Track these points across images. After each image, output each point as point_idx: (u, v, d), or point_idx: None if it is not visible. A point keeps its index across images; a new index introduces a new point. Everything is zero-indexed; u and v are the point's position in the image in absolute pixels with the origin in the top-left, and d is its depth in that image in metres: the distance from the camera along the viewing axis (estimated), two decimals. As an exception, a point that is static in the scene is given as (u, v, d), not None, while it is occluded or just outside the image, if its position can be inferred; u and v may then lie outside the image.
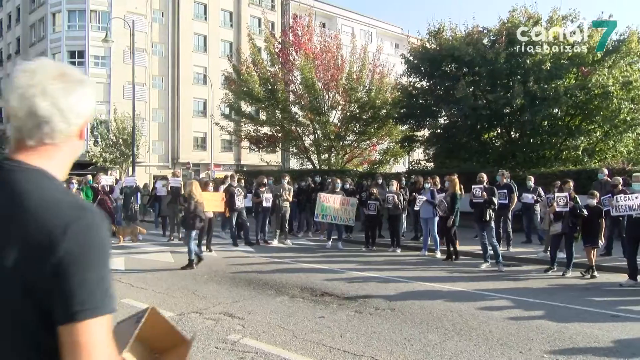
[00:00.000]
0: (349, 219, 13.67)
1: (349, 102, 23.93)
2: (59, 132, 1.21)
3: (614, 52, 17.94)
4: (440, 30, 20.61)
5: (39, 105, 1.17)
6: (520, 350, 5.23)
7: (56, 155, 1.23)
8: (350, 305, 7.07)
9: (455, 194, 11.33)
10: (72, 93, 1.22)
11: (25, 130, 1.19)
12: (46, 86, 1.18)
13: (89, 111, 1.28)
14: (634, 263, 8.66)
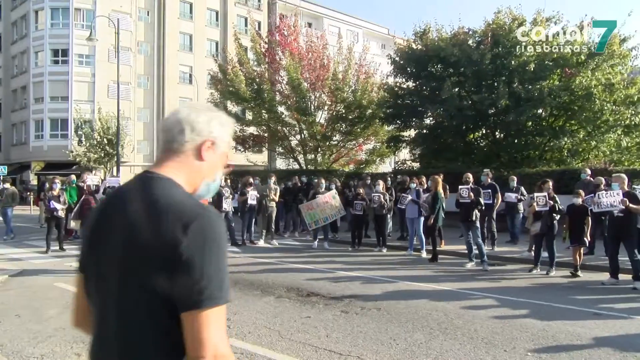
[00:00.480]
0: (338, 210, 13.68)
1: (335, 102, 23.96)
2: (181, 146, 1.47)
3: (596, 55, 18.17)
4: (426, 31, 20.71)
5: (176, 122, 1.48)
6: (505, 348, 5.28)
7: (182, 170, 1.47)
8: (337, 305, 7.08)
9: (437, 193, 11.38)
10: (201, 115, 1.50)
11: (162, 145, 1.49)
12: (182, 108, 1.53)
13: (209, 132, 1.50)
14: (616, 262, 8.78)
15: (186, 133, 1.46)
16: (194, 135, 1.47)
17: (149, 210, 1.32)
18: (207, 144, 1.49)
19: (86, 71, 39.50)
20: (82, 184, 15.03)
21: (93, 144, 32.95)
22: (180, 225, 1.28)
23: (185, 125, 1.47)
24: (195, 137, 1.47)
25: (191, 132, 1.47)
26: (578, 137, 18.61)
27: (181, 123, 1.47)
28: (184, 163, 1.47)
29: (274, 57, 24.56)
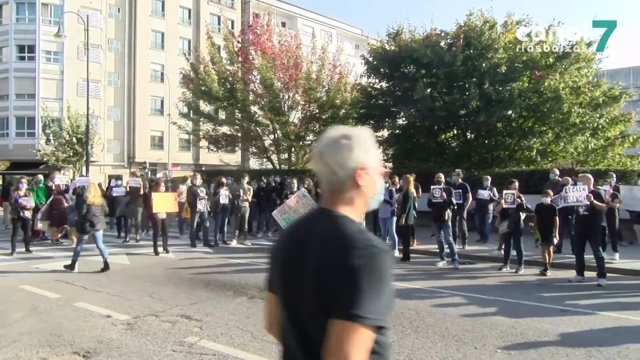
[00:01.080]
0: (311, 207, 13.62)
1: (309, 102, 23.95)
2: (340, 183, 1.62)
3: (564, 58, 18.62)
4: (399, 32, 20.90)
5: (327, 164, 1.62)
6: (475, 345, 5.36)
7: (351, 203, 1.64)
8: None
9: (407, 192, 11.49)
10: (342, 150, 1.61)
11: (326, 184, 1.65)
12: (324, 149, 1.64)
13: (357, 163, 1.62)
14: (582, 260, 9.01)
15: (339, 174, 1.61)
16: (345, 172, 1.61)
17: (333, 245, 1.51)
18: (360, 173, 1.62)
19: (54, 68, 38.58)
20: (51, 184, 14.67)
21: (62, 143, 32.22)
22: (357, 259, 1.45)
23: (334, 167, 1.61)
24: (347, 173, 1.61)
25: (342, 170, 1.61)
26: (547, 138, 19.05)
27: (330, 166, 1.62)
28: (348, 196, 1.64)
29: (247, 57, 24.41)
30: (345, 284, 1.43)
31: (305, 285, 1.53)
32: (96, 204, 9.94)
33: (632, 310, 6.96)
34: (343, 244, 1.50)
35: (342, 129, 1.68)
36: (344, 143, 1.62)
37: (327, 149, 1.64)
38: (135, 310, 6.82)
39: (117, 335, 5.71)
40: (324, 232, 1.56)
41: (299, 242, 1.61)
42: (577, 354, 5.12)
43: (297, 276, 1.56)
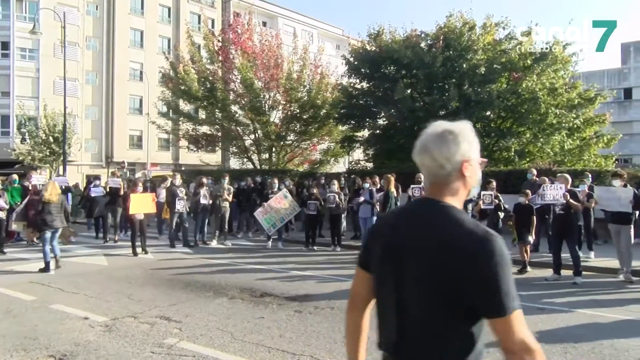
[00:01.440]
0: (293, 208, 13.63)
1: (290, 101, 23.90)
2: (447, 175, 1.73)
3: (541, 60, 18.92)
4: (380, 33, 20.99)
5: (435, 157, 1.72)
6: (454, 344, 5.40)
7: (456, 193, 1.76)
8: (290, 305, 7.07)
9: (388, 192, 11.57)
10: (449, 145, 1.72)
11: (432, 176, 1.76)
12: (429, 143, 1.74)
13: (462, 155, 1.73)
14: (559, 258, 9.17)
15: (446, 167, 1.72)
16: (452, 165, 1.72)
17: (453, 235, 1.62)
18: (465, 165, 1.73)
19: (29, 66, 37.82)
20: (28, 184, 14.39)
21: (38, 142, 31.61)
22: (478, 248, 1.57)
23: (441, 161, 1.71)
24: (454, 166, 1.72)
25: (449, 163, 1.71)
26: (525, 139, 19.32)
27: (437, 159, 1.72)
28: (454, 187, 1.75)
29: (227, 56, 24.26)
30: (487, 281, 1.56)
31: (417, 272, 1.65)
32: (53, 201, 9.80)
33: (606, 308, 7.10)
34: (466, 235, 1.61)
35: (443, 124, 1.78)
36: (450, 138, 1.73)
37: (434, 143, 1.74)
38: (114, 311, 6.73)
39: (94, 338, 5.63)
40: (440, 223, 1.68)
41: (410, 230, 1.72)
42: (554, 351, 5.20)
43: (406, 263, 1.68)
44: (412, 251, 1.66)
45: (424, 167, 1.76)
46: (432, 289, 1.61)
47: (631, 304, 7.41)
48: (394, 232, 1.77)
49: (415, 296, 1.65)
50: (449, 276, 1.57)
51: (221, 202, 13.85)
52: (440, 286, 1.59)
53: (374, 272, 1.82)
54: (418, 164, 1.79)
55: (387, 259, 1.74)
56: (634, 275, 9.17)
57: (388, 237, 1.78)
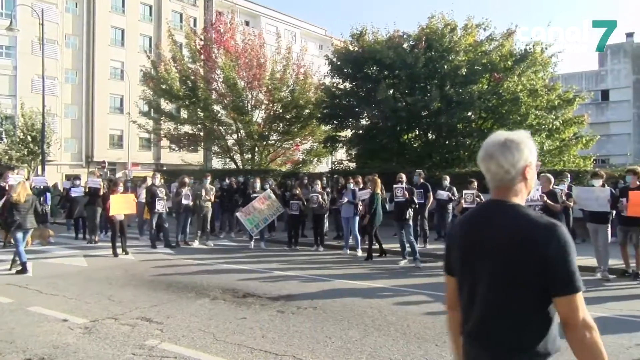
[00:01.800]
0: (276, 209, 13.59)
1: (273, 101, 23.84)
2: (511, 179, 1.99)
3: (522, 61, 19.15)
4: (362, 33, 21.04)
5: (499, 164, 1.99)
6: (436, 342, 5.45)
7: (519, 193, 2.02)
8: (273, 306, 7.05)
9: (374, 194, 11.61)
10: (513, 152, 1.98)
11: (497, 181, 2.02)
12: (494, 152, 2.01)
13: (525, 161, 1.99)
14: None
15: (511, 172, 1.98)
16: (516, 170, 1.98)
17: (522, 227, 1.89)
18: (526, 169, 2.00)
19: (6, 63, 37.14)
20: (4, 184, 14.11)
21: (15, 141, 31.07)
22: (546, 236, 1.83)
23: (507, 167, 1.97)
24: (518, 171, 1.98)
25: (513, 168, 1.97)
26: (505, 139, 19.50)
27: (503, 166, 1.97)
28: (518, 189, 2.01)
29: (209, 55, 24.10)
30: (554, 264, 1.82)
31: (495, 266, 1.90)
32: (21, 202, 9.65)
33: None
34: (534, 226, 1.87)
35: (505, 134, 2.04)
36: (514, 146, 1.98)
37: (499, 151, 1.99)
38: (94, 313, 6.64)
39: (73, 340, 5.55)
40: (510, 220, 1.93)
41: (482, 230, 1.99)
42: (533, 349, 5.26)
43: (484, 258, 1.94)
44: (489, 247, 1.94)
45: (490, 173, 2.03)
46: (509, 278, 1.87)
47: (608, 301, 7.53)
48: (469, 233, 2.05)
49: (495, 286, 1.91)
50: (524, 264, 1.84)
51: (203, 203, 13.76)
52: (516, 274, 1.86)
53: (457, 271, 2.10)
54: (483, 170, 2.06)
55: (467, 257, 2.03)
56: (611, 274, 9.34)
57: (464, 238, 2.07)
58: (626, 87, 46.34)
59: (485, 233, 1.97)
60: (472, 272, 1.99)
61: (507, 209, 1.97)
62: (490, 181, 2.05)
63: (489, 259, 1.92)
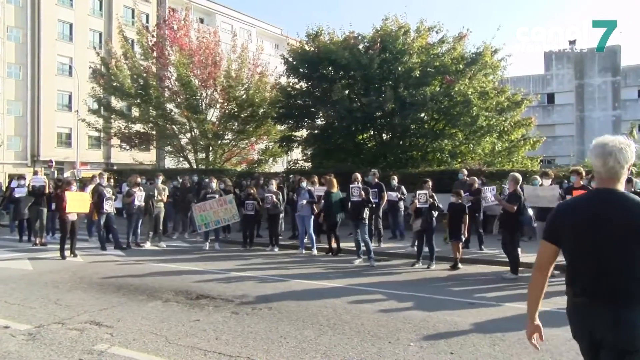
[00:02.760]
0: (232, 215, 13.43)
1: (228, 100, 23.58)
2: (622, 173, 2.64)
3: (472, 64, 19.70)
4: (318, 33, 21.11)
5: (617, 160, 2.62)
6: (390, 340, 5.52)
7: (623, 185, 2.69)
8: (227, 307, 6.97)
9: (329, 193, 11.69)
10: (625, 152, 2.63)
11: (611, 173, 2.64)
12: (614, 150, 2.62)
13: (631, 159, 2.65)
14: (507, 253, 9.57)
15: (624, 167, 2.64)
16: (627, 165, 2.64)
17: (628, 206, 2.56)
18: (630, 166, 2.67)
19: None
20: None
21: (-47, 139, 29.50)
22: None
23: (623, 163, 2.62)
24: (627, 167, 2.65)
25: (626, 164, 2.64)
26: (457, 140, 20.04)
27: (620, 162, 2.62)
28: (623, 179, 2.68)
29: (162, 52, 23.59)
30: None
31: (615, 233, 2.54)
32: None
33: (531, 301, 7.47)
34: (638, 205, 2.55)
35: (617, 138, 2.68)
36: (626, 147, 2.63)
37: (618, 151, 2.61)
38: (39, 318, 6.37)
39: (16, 347, 5.30)
40: (620, 201, 2.60)
41: (606, 210, 2.61)
42: (483, 344, 5.42)
43: (605, 228, 2.57)
44: (616, 223, 2.55)
45: (606, 167, 2.63)
46: (622, 241, 2.53)
47: (554, 296, 7.79)
48: (592, 214, 2.64)
49: (612, 249, 2.55)
50: (633, 230, 2.50)
51: (155, 203, 13.46)
52: (627, 238, 2.52)
53: (569, 240, 2.72)
54: (599, 164, 2.66)
55: (585, 228, 2.63)
56: (555, 269, 9.70)
57: (588, 218, 2.64)
58: (569, 91, 48.44)
59: (610, 213, 2.58)
60: (596, 244, 2.60)
61: (621, 195, 2.63)
62: (604, 173, 2.66)
63: (617, 231, 2.54)
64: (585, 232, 2.61)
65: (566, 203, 2.97)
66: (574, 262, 2.73)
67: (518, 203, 9.39)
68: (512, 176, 9.85)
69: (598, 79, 47.31)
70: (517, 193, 9.54)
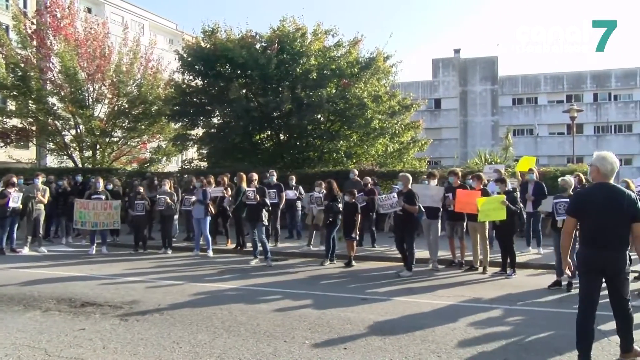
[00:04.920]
0: (113, 222, 12.75)
1: (118, 95, 22.31)
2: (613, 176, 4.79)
3: (367, 69, 20.43)
4: (215, 30, 20.71)
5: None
6: (285, 339, 5.56)
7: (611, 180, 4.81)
8: (115, 314, 6.61)
9: (239, 188, 11.66)
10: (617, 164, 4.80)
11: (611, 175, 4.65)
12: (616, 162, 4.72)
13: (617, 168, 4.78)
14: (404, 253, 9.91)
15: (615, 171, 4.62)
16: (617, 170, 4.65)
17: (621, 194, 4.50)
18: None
19: None
20: None
21: None
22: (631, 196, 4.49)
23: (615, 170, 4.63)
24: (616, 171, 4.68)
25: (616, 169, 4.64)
26: (352, 141, 20.67)
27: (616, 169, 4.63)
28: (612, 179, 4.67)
29: (43, 41, 21.76)
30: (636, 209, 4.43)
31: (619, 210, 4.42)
32: None
33: (418, 294, 7.93)
34: (630, 194, 4.51)
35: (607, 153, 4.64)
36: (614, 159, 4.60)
37: (616, 162, 4.58)
38: None
39: None
40: (616, 191, 4.53)
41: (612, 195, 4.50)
42: (375, 337, 5.64)
43: (614, 208, 4.44)
44: (611, 201, 4.45)
45: (612, 172, 4.58)
46: (620, 215, 4.41)
47: (438, 289, 8.39)
48: (604, 198, 4.50)
49: (614, 219, 4.43)
50: (625, 208, 4.40)
51: (34, 205, 12.41)
52: (623, 213, 4.40)
53: (593, 213, 4.52)
54: (608, 169, 4.57)
55: (602, 206, 4.48)
56: (440, 264, 10.40)
57: (599, 197, 4.54)
58: (454, 97, 52.00)
59: (612, 197, 4.50)
60: (604, 217, 4.48)
61: (614, 187, 4.62)
62: (609, 174, 4.59)
63: (613, 207, 4.46)
64: (603, 207, 4.49)
65: (585, 191, 5.21)
66: (591, 227, 4.57)
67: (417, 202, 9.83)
68: (404, 176, 10.31)
69: (479, 86, 51.28)
70: (412, 192, 9.95)
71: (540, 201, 11.48)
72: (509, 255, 9.55)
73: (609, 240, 4.46)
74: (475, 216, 9.61)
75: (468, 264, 10.24)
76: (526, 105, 51.60)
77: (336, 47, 20.96)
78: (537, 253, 11.55)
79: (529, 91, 51.41)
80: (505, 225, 9.40)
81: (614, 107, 49.10)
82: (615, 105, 49.15)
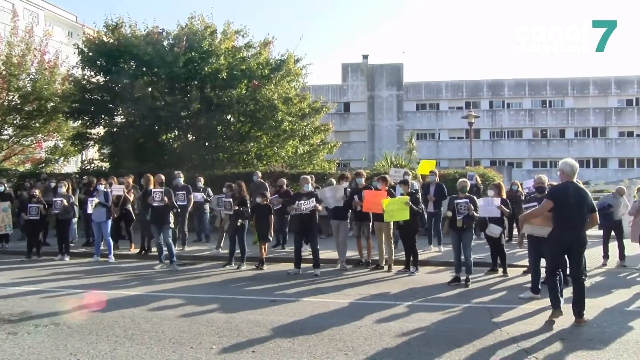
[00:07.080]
0: (4, 226, 11.78)
1: (8, 90, 20.57)
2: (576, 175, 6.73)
3: (277, 70, 20.46)
4: (118, 25, 19.77)
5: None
6: (192, 345, 5.41)
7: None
8: (2, 327, 6.09)
9: (147, 190, 11.18)
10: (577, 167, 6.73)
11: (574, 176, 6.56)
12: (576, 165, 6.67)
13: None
14: (300, 254, 10.04)
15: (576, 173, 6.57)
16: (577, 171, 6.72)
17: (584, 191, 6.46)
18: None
19: None
20: None
21: None
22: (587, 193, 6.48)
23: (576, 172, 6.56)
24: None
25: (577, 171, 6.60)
26: (262, 143, 20.60)
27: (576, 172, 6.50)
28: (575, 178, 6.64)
29: None
30: (591, 200, 6.47)
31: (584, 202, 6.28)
32: None
33: (326, 294, 8.08)
34: (587, 191, 6.50)
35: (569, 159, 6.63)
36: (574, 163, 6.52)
37: (575, 165, 6.45)
38: None
39: None
40: (584, 189, 6.53)
41: (578, 191, 6.33)
42: (283, 339, 5.65)
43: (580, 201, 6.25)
44: (578, 196, 6.26)
45: (575, 174, 6.41)
46: (585, 207, 6.29)
47: (346, 288, 8.58)
48: (574, 192, 6.26)
49: (581, 210, 6.26)
50: (586, 202, 6.29)
51: None
52: (585, 204, 6.29)
53: (567, 204, 6.21)
54: (571, 171, 6.35)
55: (573, 199, 6.20)
56: (348, 264, 10.66)
57: (571, 192, 6.26)
58: (362, 102, 53.57)
59: (576, 192, 6.26)
60: (574, 207, 6.18)
61: (580, 185, 6.54)
62: (572, 174, 6.33)
63: (580, 200, 6.21)
64: (573, 200, 6.16)
65: (561, 186, 6.42)
66: (565, 214, 6.19)
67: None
68: (305, 178, 10.50)
69: (386, 92, 53.25)
70: (316, 194, 10.22)
71: (440, 201, 12.15)
72: (411, 253, 10.00)
73: (576, 223, 6.20)
74: (381, 216, 9.97)
75: (374, 262, 10.60)
76: (429, 110, 54.38)
77: (246, 47, 20.81)
78: (438, 251, 12.22)
79: (431, 97, 54.20)
80: (408, 225, 9.82)
81: (507, 114, 53.09)
82: (508, 112, 53.17)
